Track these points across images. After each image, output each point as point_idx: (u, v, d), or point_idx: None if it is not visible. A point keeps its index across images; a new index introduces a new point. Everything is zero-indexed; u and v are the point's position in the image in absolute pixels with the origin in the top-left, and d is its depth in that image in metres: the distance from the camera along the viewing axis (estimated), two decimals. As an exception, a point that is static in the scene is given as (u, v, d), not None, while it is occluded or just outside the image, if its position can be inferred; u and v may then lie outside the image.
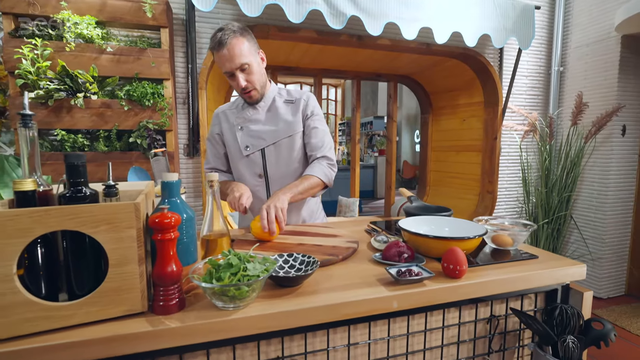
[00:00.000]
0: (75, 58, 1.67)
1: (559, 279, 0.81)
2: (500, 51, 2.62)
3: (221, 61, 1.09)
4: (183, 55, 1.97)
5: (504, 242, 0.92)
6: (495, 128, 2.64)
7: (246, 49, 1.10)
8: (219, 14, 1.99)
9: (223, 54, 1.07)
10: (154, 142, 1.78)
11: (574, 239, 2.68)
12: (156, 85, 1.79)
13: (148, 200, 0.70)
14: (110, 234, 0.55)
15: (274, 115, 1.23)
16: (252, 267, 0.62)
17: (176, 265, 0.61)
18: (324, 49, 2.41)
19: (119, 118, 1.75)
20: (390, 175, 3.40)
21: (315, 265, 0.72)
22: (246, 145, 1.22)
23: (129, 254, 0.56)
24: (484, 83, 2.69)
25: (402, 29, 2.01)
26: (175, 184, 0.66)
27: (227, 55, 1.07)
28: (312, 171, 1.17)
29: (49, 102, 1.62)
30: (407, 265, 0.76)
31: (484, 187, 2.78)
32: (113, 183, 0.64)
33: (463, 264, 0.73)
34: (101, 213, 0.54)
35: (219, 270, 0.60)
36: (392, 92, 3.30)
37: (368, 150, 9.04)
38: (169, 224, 0.59)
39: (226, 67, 1.10)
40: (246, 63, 1.09)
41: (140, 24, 1.76)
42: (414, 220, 0.99)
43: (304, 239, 0.99)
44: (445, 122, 3.21)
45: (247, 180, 1.25)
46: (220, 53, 1.07)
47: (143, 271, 0.58)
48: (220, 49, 1.07)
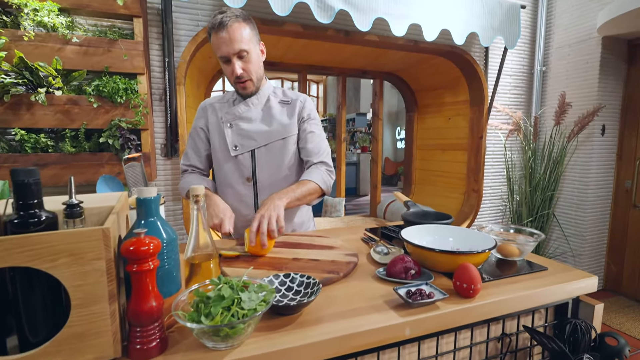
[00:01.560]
0: (36, 49, 1.49)
1: (571, 292, 0.77)
2: (486, 50, 2.61)
3: (218, 44, 1.00)
4: (159, 47, 1.82)
5: (510, 252, 0.88)
6: (480, 127, 2.63)
7: (247, 35, 1.02)
8: (197, 4, 1.86)
9: (222, 36, 0.99)
10: (128, 143, 1.63)
11: (555, 236, 2.74)
12: (129, 81, 1.63)
13: (120, 218, 0.60)
14: (72, 268, 0.45)
15: (267, 115, 1.14)
16: (248, 298, 0.53)
17: (156, 300, 0.51)
18: (309, 44, 2.32)
19: (88, 116, 1.59)
20: (376, 174, 3.36)
21: (317, 289, 0.64)
22: (235, 144, 1.11)
23: (96, 291, 0.46)
24: (470, 82, 2.68)
25: (391, 25, 1.95)
26: (154, 200, 0.56)
27: (226, 38, 0.99)
28: (310, 176, 1.08)
29: (5, 98, 1.44)
30: (417, 285, 0.69)
31: (470, 185, 2.78)
32: (77, 201, 0.53)
33: (477, 282, 0.67)
34: (60, 243, 0.44)
35: (208, 304, 0.51)
36: (377, 90, 3.25)
37: (350, 147, 9.01)
38: (147, 252, 0.49)
39: (223, 51, 1.00)
40: (245, 50, 1.01)
41: (110, 13, 1.60)
42: (416, 230, 0.93)
43: (299, 253, 0.90)
44: (430, 120, 3.20)
45: (233, 183, 1.14)
46: (219, 35, 0.99)
47: (115, 310, 0.48)
48: (219, 31, 0.98)
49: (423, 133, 3.30)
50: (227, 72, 1.05)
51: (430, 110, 3.18)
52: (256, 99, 1.14)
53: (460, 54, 2.49)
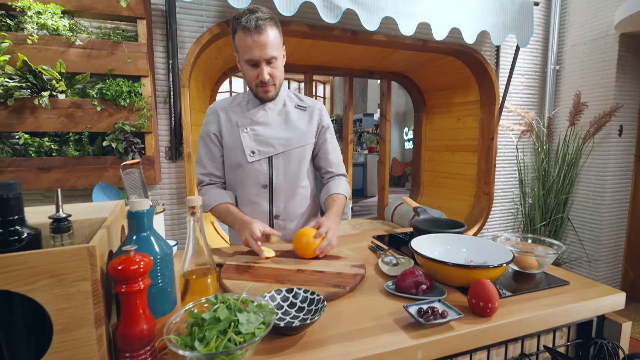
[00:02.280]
0: (39, 52, 1.48)
1: (596, 310, 0.71)
2: (497, 49, 2.54)
3: (249, 46, 0.93)
4: (163, 49, 1.80)
5: (529, 265, 0.82)
6: (491, 128, 2.56)
7: (278, 40, 0.98)
8: (202, 5, 1.83)
9: (255, 39, 0.92)
10: (131, 146, 1.61)
11: (570, 241, 2.65)
12: (133, 83, 1.61)
13: (113, 232, 0.56)
14: (54, 291, 0.41)
15: (285, 121, 1.10)
16: (246, 320, 0.49)
17: (147, 323, 0.47)
18: (316, 44, 2.28)
19: (91, 119, 1.57)
20: (384, 175, 3.31)
21: (321, 306, 0.60)
22: (252, 150, 1.07)
23: (81, 315, 0.42)
24: (480, 81, 2.60)
25: (399, 24, 1.89)
26: (146, 213, 0.52)
27: (259, 41, 0.92)
28: (339, 189, 1.14)
29: (8, 102, 1.43)
30: (428, 302, 0.65)
31: (480, 188, 2.71)
32: (64, 215, 0.50)
33: (495, 300, 0.62)
34: (40, 263, 0.40)
35: (203, 327, 0.47)
36: (385, 90, 3.19)
37: (357, 147, 8.95)
38: (137, 271, 0.45)
39: (254, 54, 0.94)
40: (275, 56, 0.97)
41: (114, 15, 1.58)
42: (426, 239, 0.88)
43: (303, 263, 0.86)
44: (439, 121, 3.13)
45: (247, 189, 1.11)
46: (253, 37, 0.92)
47: (102, 334, 0.44)
48: (254, 33, 0.92)
49: (432, 134, 3.23)
50: (251, 75, 1.00)
51: (439, 111, 3.11)
52: (273, 104, 1.09)
53: (470, 53, 2.42)
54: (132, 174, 0.85)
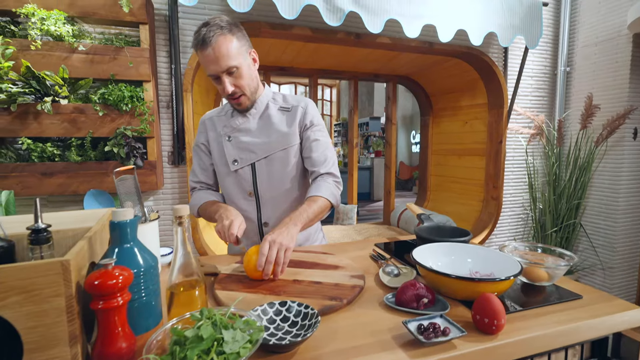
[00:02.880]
0: (43, 58, 1.49)
1: (612, 327, 0.67)
2: (505, 50, 2.49)
3: (205, 62, 0.93)
4: (166, 54, 1.80)
5: (538, 277, 0.78)
6: (500, 131, 2.50)
7: (235, 49, 0.93)
8: (204, 9, 1.83)
9: (207, 54, 0.90)
10: (133, 151, 1.61)
11: (583, 247, 2.56)
12: (135, 88, 1.61)
13: (97, 242, 0.54)
14: (25, 308, 0.39)
15: (266, 125, 1.06)
16: (232, 338, 0.46)
17: (126, 341, 0.45)
18: (319, 47, 2.26)
19: (94, 124, 1.57)
20: (390, 180, 3.26)
21: (314, 322, 0.57)
22: (234, 159, 1.05)
23: (54, 333, 0.40)
24: (488, 84, 2.55)
25: (404, 27, 1.86)
26: (129, 224, 0.50)
27: (211, 55, 0.90)
28: (319, 191, 1.00)
29: (12, 107, 1.44)
30: (429, 317, 0.61)
31: (488, 192, 2.64)
32: (43, 225, 0.48)
33: (502, 317, 0.58)
34: (9, 279, 0.38)
35: (184, 347, 0.44)
36: (390, 94, 3.15)
37: (364, 151, 8.90)
38: (115, 286, 0.43)
39: (210, 70, 0.94)
40: (234, 66, 0.93)
41: (117, 20, 1.59)
42: (430, 249, 0.84)
43: (300, 273, 0.83)
44: (446, 124, 3.08)
45: (234, 199, 1.09)
46: (205, 53, 0.91)
47: (77, 354, 0.42)
48: (204, 48, 0.90)
49: (438, 138, 3.18)
50: (219, 89, 0.98)
51: (446, 114, 3.06)
52: (254, 109, 1.07)
53: (477, 55, 2.38)
54: (126, 180, 0.83)
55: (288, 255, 0.81)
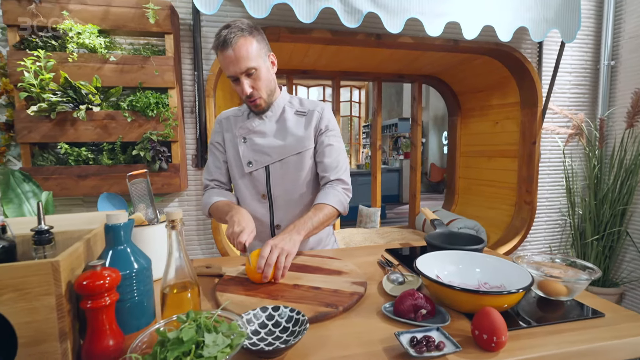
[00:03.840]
0: (79, 69, 1.61)
1: (638, 351, 0.60)
2: (539, 45, 2.33)
3: (225, 63, 0.95)
4: (190, 61, 1.88)
5: (555, 291, 0.72)
6: (533, 131, 2.35)
7: (255, 51, 0.95)
8: (226, 17, 1.88)
9: (227, 54, 0.93)
10: (158, 154, 1.69)
11: (630, 258, 2.33)
12: (160, 95, 1.70)
13: (99, 243, 0.57)
14: (18, 304, 0.42)
15: (282, 128, 1.07)
16: (212, 341, 0.47)
17: (114, 339, 0.47)
18: (340, 49, 2.25)
19: (123, 130, 1.67)
20: (415, 182, 3.17)
21: (302, 329, 0.56)
22: (249, 160, 1.07)
23: (45, 329, 0.43)
24: (520, 81, 2.41)
25: (425, 25, 1.80)
26: (123, 227, 0.52)
27: (231, 56, 0.93)
28: (327, 199, 1.01)
29: (52, 115, 1.57)
30: (424, 330, 0.58)
31: (521, 196, 2.49)
32: (46, 227, 0.51)
33: (502, 333, 0.54)
34: (4, 277, 0.41)
35: (164, 348, 0.45)
36: (416, 94, 3.07)
37: (393, 152, 8.74)
38: (102, 286, 0.45)
39: (230, 71, 0.96)
40: (253, 67, 0.95)
41: (144, 31, 1.68)
42: (437, 257, 0.80)
43: (301, 278, 0.83)
44: (475, 124, 2.94)
45: (248, 200, 1.10)
46: (225, 54, 0.93)
47: (67, 349, 0.44)
48: (224, 49, 0.93)
49: (467, 139, 3.04)
50: (238, 90, 1.00)
51: (475, 114, 2.93)
52: (270, 112, 1.08)
53: (508, 52, 2.25)
54: (138, 184, 0.88)
55: (289, 260, 0.81)
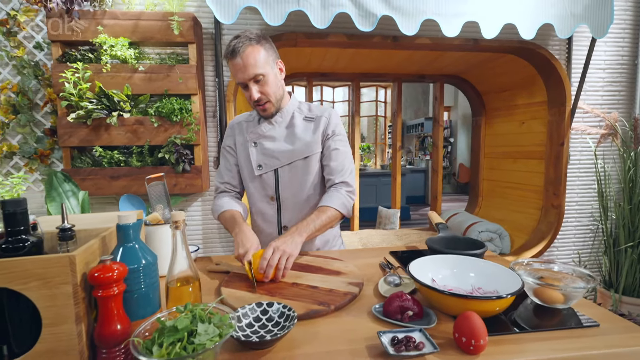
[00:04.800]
0: (112, 78, 1.75)
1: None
2: (568, 42, 2.23)
3: (234, 70, 1.02)
4: (212, 69, 1.98)
5: (550, 298, 0.71)
6: (561, 131, 2.25)
7: (262, 58, 1.01)
8: (246, 24, 1.97)
9: (236, 62, 1.00)
10: (182, 157, 1.81)
11: (670, 267, 2.17)
12: (184, 101, 1.81)
13: (112, 240, 0.65)
14: (42, 291, 0.49)
15: (291, 133, 1.13)
16: (204, 331, 0.52)
17: (121, 324, 0.53)
18: (358, 52, 2.27)
19: (151, 134, 1.80)
20: (436, 184, 3.12)
21: (290, 324, 0.61)
22: (259, 164, 1.13)
23: (64, 313, 0.50)
24: (548, 80, 2.31)
25: (442, 26, 1.79)
26: (132, 226, 0.59)
27: (240, 64, 0.99)
28: (330, 202, 1.05)
29: (88, 122, 1.72)
30: (406, 331, 0.61)
31: (548, 200, 2.39)
32: (69, 225, 0.59)
33: (480, 337, 0.55)
34: (31, 267, 0.49)
35: (162, 334, 0.51)
36: (437, 94, 3.02)
37: (420, 153, 8.57)
38: (111, 278, 0.52)
39: (239, 78, 1.02)
40: (261, 74, 1.01)
41: (170, 42, 1.80)
42: (431, 260, 0.82)
43: (301, 277, 0.87)
44: (500, 125, 2.85)
45: (257, 202, 1.16)
46: (234, 62, 1.00)
47: (82, 331, 0.52)
48: (233, 58, 1.00)
49: (491, 139, 2.95)
50: (247, 96, 1.06)
51: (499, 114, 2.84)
52: (280, 117, 1.13)
53: (533, 50, 2.17)
54: (156, 186, 0.96)
55: (290, 261, 0.86)
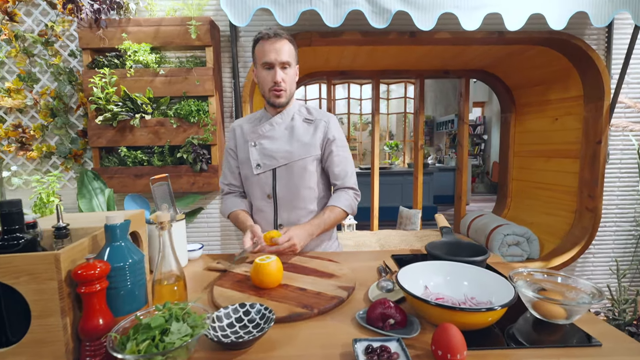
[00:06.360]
0: (135, 82, 1.85)
1: (632, 388, 0.53)
2: (607, 30, 2.04)
3: (266, 50, 1.07)
4: (230, 70, 2.03)
5: (550, 313, 0.66)
6: (599, 128, 2.07)
7: (293, 52, 1.12)
8: (261, 26, 1.99)
9: (273, 41, 1.06)
10: (199, 157, 1.87)
11: None
12: (201, 102, 1.87)
13: (103, 239, 0.68)
14: (31, 285, 0.53)
15: (290, 134, 1.16)
16: (177, 329, 0.54)
17: (104, 319, 0.57)
18: (375, 49, 2.23)
19: (171, 135, 1.88)
20: (460, 184, 2.99)
21: (266, 326, 0.61)
22: (257, 163, 1.16)
23: (51, 306, 0.54)
24: (584, 72, 2.13)
25: (461, 20, 1.71)
26: (119, 227, 0.62)
27: (276, 46, 1.06)
28: (338, 202, 1.16)
29: (114, 124, 1.83)
30: (383, 340, 0.59)
31: (583, 202, 2.21)
32: (63, 224, 0.64)
33: (457, 351, 0.53)
34: (21, 263, 0.53)
35: (137, 331, 0.54)
36: (463, 90, 2.89)
37: (450, 151, 8.27)
38: (93, 275, 0.55)
39: (270, 57, 1.07)
40: (289, 62, 1.09)
41: (189, 45, 1.87)
42: (424, 266, 0.79)
43: (293, 278, 0.87)
44: (531, 121, 2.67)
45: (255, 199, 1.20)
46: (270, 41, 1.07)
47: (67, 324, 0.55)
48: (270, 39, 1.07)
49: (522, 137, 2.78)
50: (267, 78, 1.10)
51: (530, 110, 2.66)
52: (280, 118, 1.16)
53: (566, 40, 2.01)
54: (161, 187, 1.01)
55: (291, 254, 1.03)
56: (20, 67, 1.94)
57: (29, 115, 1.99)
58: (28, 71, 1.95)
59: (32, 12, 1.92)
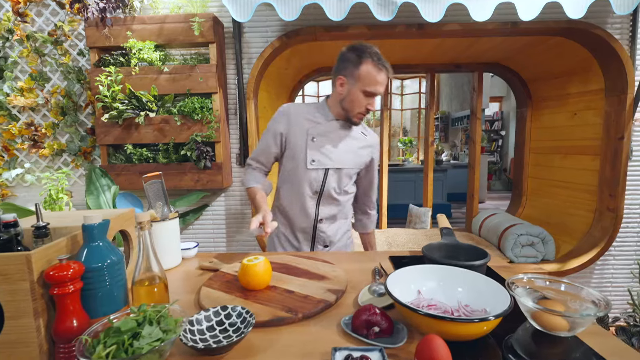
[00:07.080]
0: (140, 80, 1.86)
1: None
2: (632, 18, 1.91)
3: (378, 81, 1.09)
4: (234, 67, 2.02)
5: (550, 324, 0.61)
6: (621, 124, 1.95)
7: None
8: (266, 22, 1.97)
9: (383, 75, 1.10)
10: (203, 154, 1.87)
11: None
12: (204, 100, 1.87)
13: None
14: (3, 286, 0.53)
15: (348, 142, 1.22)
16: (148, 334, 0.52)
17: (78, 320, 0.56)
18: (382, 43, 2.15)
19: (175, 132, 1.89)
20: (473, 182, 2.90)
21: (246, 331, 0.59)
22: (312, 159, 1.17)
23: (23, 307, 0.53)
24: (605, 64, 2.01)
25: (470, 10, 1.63)
26: (96, 227, 0.61)
27: (384, 80, 1.11)
28: (373, 225, 1.41)
29: (119, 121, 1.85)
30: (365, 349, 0.55)
31: (603, 202, 2.10)
32: (43, 224, 0.63)
33: (441, 365, 0.49)
34: (-7, 264, 0.52)
35: (107, 335, 0.52)
36: (476, 84, 2.79)
37: (465, 147, 8.05)
38: (65, 277, 0.54)
39: (379, 90, 1.11)
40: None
41: (192, 42, 1.86)
42: (417, 270, 0.75)
43: (282, 279, 0.85)
44: (548, 116, 2.55)
45: (301, 194, 1.19)
46: (381, 74, 1.09)
47: (40, 325, 0.55)
48: (385, 73, 1.10)
49: (538, 133, 2.66)
50: (362, 102, 1.12)
51: (548, 105, 2.54)
52: (344, 123, 1.22)
53: (585, 30, 1.89)
54: (154, 185, 1.00)
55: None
56: (32, 67, 1.99)
57: (41, 113, 2.04)
58: (39, 70, 1.99)
59: (42, 13, 1.96)
